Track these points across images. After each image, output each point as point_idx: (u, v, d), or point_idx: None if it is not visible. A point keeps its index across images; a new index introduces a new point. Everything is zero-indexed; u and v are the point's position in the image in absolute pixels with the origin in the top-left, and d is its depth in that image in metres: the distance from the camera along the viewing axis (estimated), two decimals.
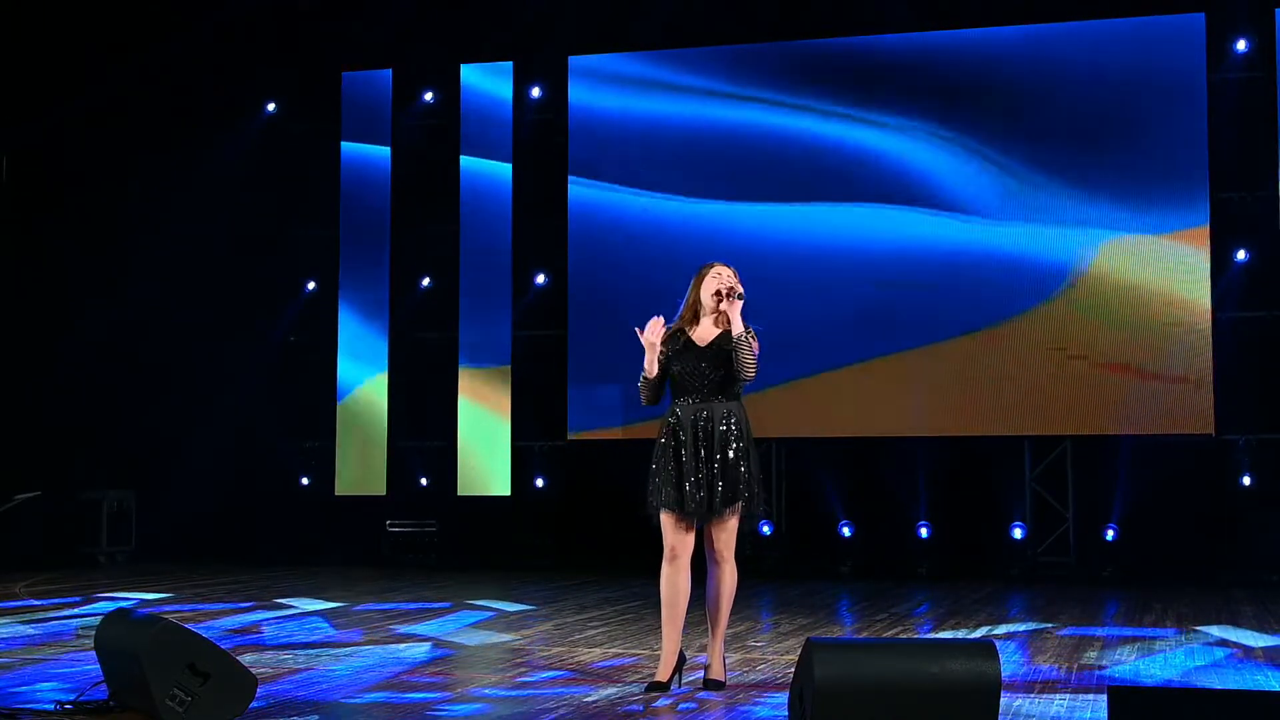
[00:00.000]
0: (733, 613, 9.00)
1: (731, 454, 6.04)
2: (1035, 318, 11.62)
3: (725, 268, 6.20)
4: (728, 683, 6.16)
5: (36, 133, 12.88)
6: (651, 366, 6.09)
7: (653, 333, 6.08)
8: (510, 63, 13.29)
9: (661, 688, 6.02)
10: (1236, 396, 11.36)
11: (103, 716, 5.40)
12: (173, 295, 13.54)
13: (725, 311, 6.07)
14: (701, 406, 6.09)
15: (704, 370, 6.09)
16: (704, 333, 6.15)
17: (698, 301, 6.18)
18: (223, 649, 5.41)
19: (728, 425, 6.06)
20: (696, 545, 6.11)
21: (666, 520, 6.07)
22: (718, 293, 6.11)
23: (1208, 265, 11.31)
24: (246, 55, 13.55)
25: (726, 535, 6.04)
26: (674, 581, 6.05)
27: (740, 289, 6.10)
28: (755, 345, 6.13)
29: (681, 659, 6.13)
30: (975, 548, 12.07)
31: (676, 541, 6.05)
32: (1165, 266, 11.39)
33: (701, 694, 6.02)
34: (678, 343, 6.15)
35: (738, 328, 6.05)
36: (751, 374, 6.05)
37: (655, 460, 6.12)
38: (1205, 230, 11.32)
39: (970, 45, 11.98)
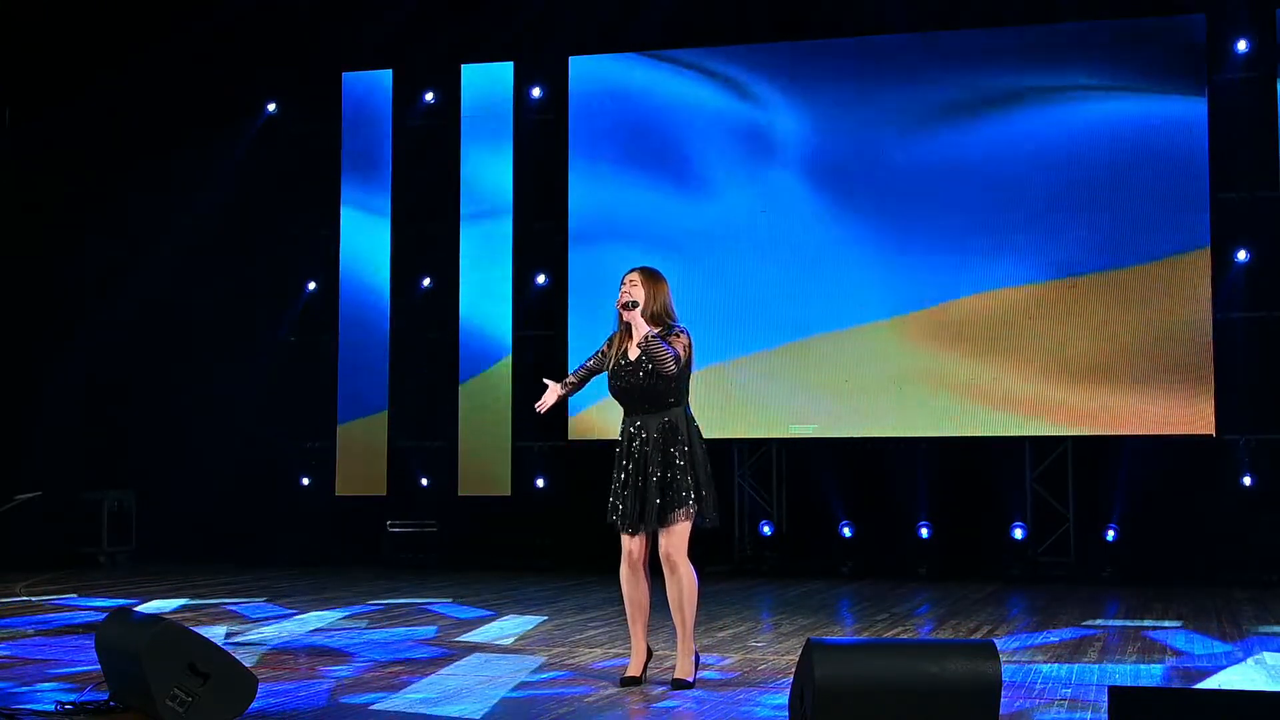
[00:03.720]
0: (733, 613, 9.08)
1: (664, 468, 6.08)
2: (1036, 318, 11.61)
3: (630, 274, 6.25)
4: (695, 682, 6.17)
5: (37, 133, 12.87)
6: (556, 390, 6.35)
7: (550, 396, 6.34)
8: (510, 63, 13.28)
9: (634, 682, 6.21)
10: (1236, 396, 11.36)
11: (103, 716, 5.40)
12: (173, 295, 13.55)
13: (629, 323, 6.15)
14: (639, 420, 6.18)
15: (634, 385, 6.15)
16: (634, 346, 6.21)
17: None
18: (223, 649, 5.41)
19: (663, 435, 6.11)
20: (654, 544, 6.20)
21: (623, 529, 6.20)
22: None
23: (1208, 265, 11.31)
24: (246, 55, 13.55)
25: (675, 540, 6.09)
26: (633, 582, 6.20)
27: (632, 296, 6.11)
28: (681, 341, 6.12)
29: (649, 653, 6.32)
30: (975, 548, 12.07)
31: (631, 545, 6.18)
32: (1165, 266, 11.38)
33: (700, 693, 6.02)
34: (618, 359, 6.20)
35: (639, 333, 6.07)
36: (669, 368, 6.04)
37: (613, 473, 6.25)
38: (1205, 231, 11.31)
39: (970, 45, 11.97)
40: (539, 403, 6.38)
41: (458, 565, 12.78)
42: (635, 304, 6.11)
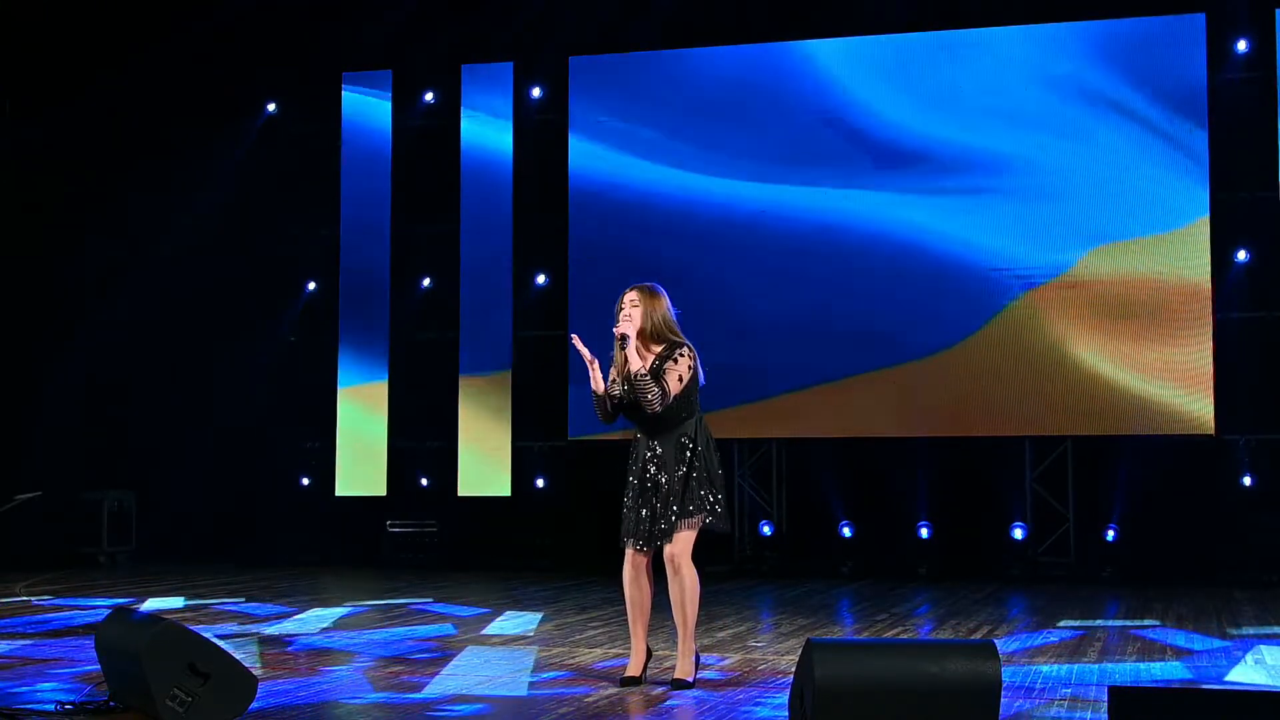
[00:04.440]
0: (733, 613, 9.08)
1: (682, 482, 6.06)
2: (1036, 318, 11.62)
3: (628, 294, 6.21)
4: (695, 682, 6.17)
5: (37, 133, 12.87)
6: (596, 382, 6.15)
7: (583, 350, 6.14)
8: (510, 63, 13.29)
9: (634, 682, 6.21)
10: (1236, 396, 11.36)
11: (103, 716, 5.40)
12: (173, 295, 13.55)
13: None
14: (654, 441, 6.17)
15: (641, 411, 6.11)
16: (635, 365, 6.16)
17: None
18: (223, 649, 5.41)
19: (677, 454, 6.09)
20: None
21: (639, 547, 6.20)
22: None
23: (1208, 266, 11.31)
24: (246, 55, 13.56)
25: (680, 543, 6.08)
26: (636, 583, 6.18)
27: (624, 329, 6.07)
28: (678, 368, 6.07)
29: (649, 654, 6.31)
30: (975, 548, 12.07)
31: (636, 548, 6.18)
32: (1165, 267, 11.38)
33: (700, 693, 6.02)
34: (620, 376, 6.17)
35: (633, 366, 6.03)
36: (654, 408, 6.00)
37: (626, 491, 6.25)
38: (1205, 231, 11.32)
39: (970, 44, 11.97)
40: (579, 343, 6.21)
41: (458, 565, 12.77)
42: (627, 339, 6.06)
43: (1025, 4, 11.86)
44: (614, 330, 6.14)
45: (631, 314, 6.14)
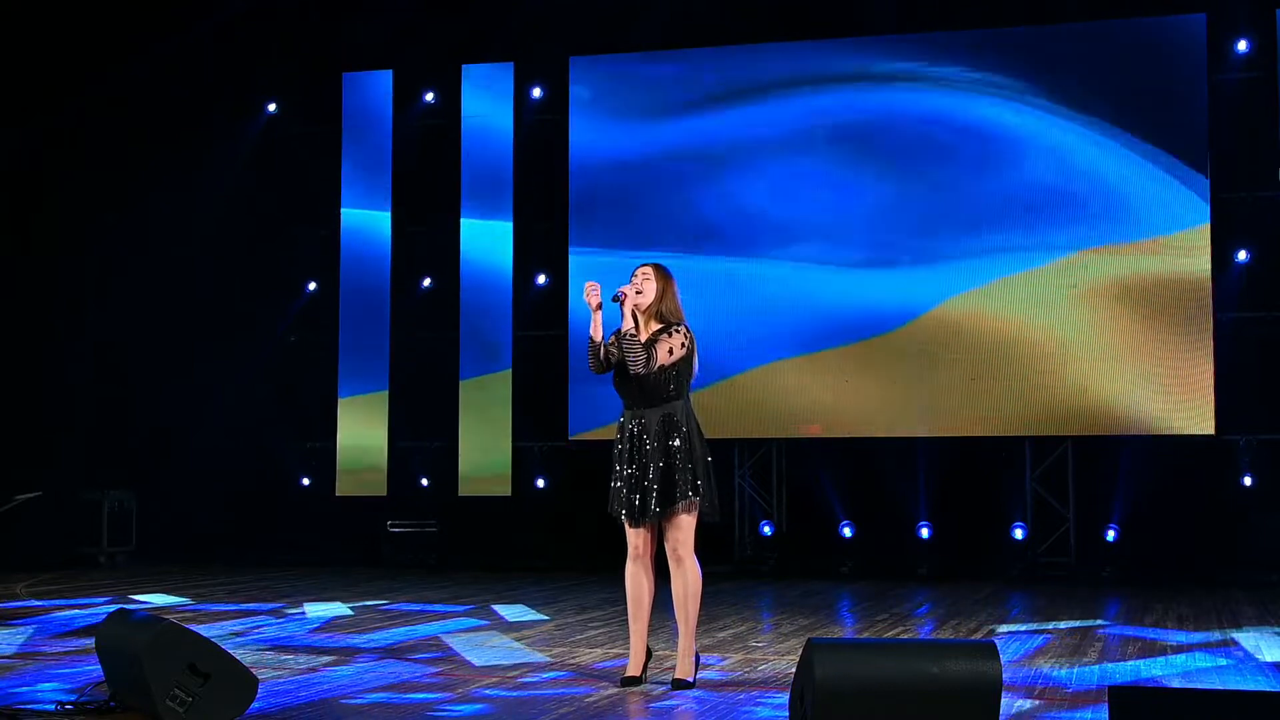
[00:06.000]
0: (733, 613, 9.08)
1: (665, 459, 6.04)
2: (1035, 318, 11.62)
3: (642, 267, 6.24)
4: (695, 682, 6.16)
5: (37, 131, 12.87)
6: (595, 329, 6.13)
7: (590, 295, 6.11)
8: (510, 63, 13.30)
9: (634, 682, 6.19)
10: (1236, 396, 11.36)
11: (103, 717, 5.40)
12: (173, 295, 13.55)
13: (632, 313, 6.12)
14: (637, 415, 6.15)
15: (630, 379, 6.10)
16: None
17: None
18: (223, 649, 5.40)
19: (664, 428, 6.08)
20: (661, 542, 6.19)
21: (626, 520, 6.18)
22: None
23: (1208, 266, 11.31)
24: (246, 55, 13.56)
25: (682, 534, 6.07)
26: (637, 579, 6.17)
27: (628, 290, 6.09)
28: (671, 341, 6.07)
29: (649, 654, 6.29)
30: (975, 548, 12.07)
31: (637, 540, 6.16)
32: (1165, 266, 11.39)
33: (700, 693, 6.02)
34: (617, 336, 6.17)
35: (625, 325, 6.05)
36: (637, 369, 5.99)
37: (613, 465, 6.23)
38: (1205, 230, 11.32)
39: (970, 46, 11.97)
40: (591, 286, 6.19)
41: (458, 565, 12.78)
42: (624, 297, 6.08)
43: (1026, 5, 11.86)
44: (619, 289, 6.12)
45: (643, 286, 6.16)
